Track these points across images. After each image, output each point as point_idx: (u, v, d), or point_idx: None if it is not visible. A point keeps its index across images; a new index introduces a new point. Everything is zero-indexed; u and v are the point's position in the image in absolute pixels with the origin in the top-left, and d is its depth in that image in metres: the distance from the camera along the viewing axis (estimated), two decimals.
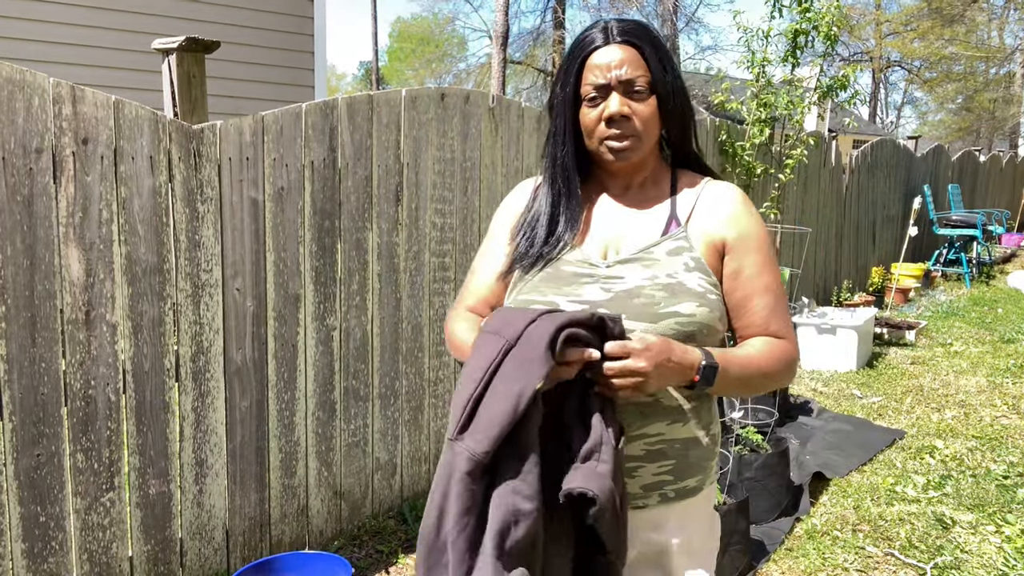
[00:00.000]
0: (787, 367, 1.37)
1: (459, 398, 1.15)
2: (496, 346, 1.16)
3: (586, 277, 1.35)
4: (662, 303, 1.29)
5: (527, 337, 1.15)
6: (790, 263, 6.47)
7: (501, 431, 1.09)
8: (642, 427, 1.32)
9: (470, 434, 1.11)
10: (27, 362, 2.20)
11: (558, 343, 1.13)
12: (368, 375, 3.07)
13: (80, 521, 2.35)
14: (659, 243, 1.37)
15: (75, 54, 5.86)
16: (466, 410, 1.13)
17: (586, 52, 1.35)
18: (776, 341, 1.36)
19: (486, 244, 1.52)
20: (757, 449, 3.44)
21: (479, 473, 1.10)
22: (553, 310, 1.21)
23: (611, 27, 1.36)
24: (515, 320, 1.18)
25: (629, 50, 1.33)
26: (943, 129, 34.85)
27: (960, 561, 3.04)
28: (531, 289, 1.37)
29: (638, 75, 1.33)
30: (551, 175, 1.43)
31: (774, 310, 1.37)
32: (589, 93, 1.34)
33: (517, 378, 1.12)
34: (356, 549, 3.04)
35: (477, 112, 3.32)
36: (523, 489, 1.11)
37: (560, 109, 1.39)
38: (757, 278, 1.36)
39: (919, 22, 28.62)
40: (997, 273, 10.52)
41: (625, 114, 1.33)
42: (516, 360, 1.14)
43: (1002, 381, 5.52)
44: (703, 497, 1.42)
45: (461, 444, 1.11)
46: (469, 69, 33.05)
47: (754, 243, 1.38)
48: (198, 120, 2.65)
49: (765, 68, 4.92)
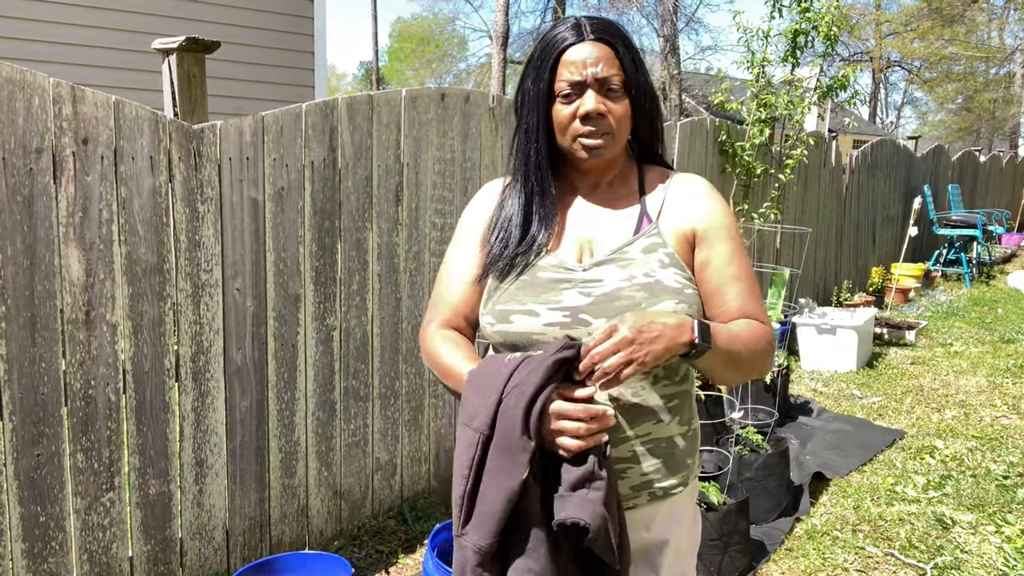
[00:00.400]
0: (768, 345, 1.35)
1: (455, 494, 1.19)
2: (471, 440, 1.18)
3: (564, 283, 1.33)
4: (643, 304, 1.29)
5: (501, 420, 1.15)
6: (790, 263, 6.47)
7: (499, 523, 1.13)
8: (629, 429, 1.32)
9: (472, 529, 1.16)
10: (27, 362, 2.20)
11: (532, 421, 1.14)
12: (368, 375, 3.07)
13: (80, 521, 2.35)
14: (633, 242, 1.36)
15: (75, 54, 5.86)
16: (463, 508, 1.17)
17: (561, 47, 1.33)
18: (753, 321, 1.35)
19: (454, 252, 1.48)
20: (757, 449, 3.44)
21: (488, 562, 1.15)
22: (521, 361, 1.19)
23: (584, 24, 1.35)
24: (483, 404, 1.18)
25: (604, 48, 1.33)
26: (943, 129, 34.85)
27: (960, 561, 3.04)
28: (509, 298, 1.34)
29: (612, 73, 1.32)
30: (524, 173, 1.40)
31: (747, 296, 1.36)
32: (564, 89, 1.33)
33: (502, 471, 1.14)
34: (356, 549, 3.04)
35: (477, 112, 3.32)
36: (534, 567, 1.14)
37: (532, 105, 1.36)
38: (728, 267, 1.36)
39: (919, 22, 28.61)
40: (997, 273, 10.52)
41: (601, 112, 1.32)
42: (497, 451, 1.15)
43: (1002, 381, 5.51)
44: (688, 492, 1.44)
45: (467, 539, 1.16)
46: (469, 69, 33.06)
47: (723, 232, 1.38)
48: (198, 120, 2.65)
49: (765, 68, 4.92)
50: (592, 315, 1.29)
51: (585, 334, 1.29)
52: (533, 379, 1.16)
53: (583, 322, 1.30)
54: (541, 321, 1.31)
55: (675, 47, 18.95)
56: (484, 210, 1.47)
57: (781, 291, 4.84)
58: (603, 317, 1.28)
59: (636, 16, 28.92)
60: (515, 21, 26.98)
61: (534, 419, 1.14)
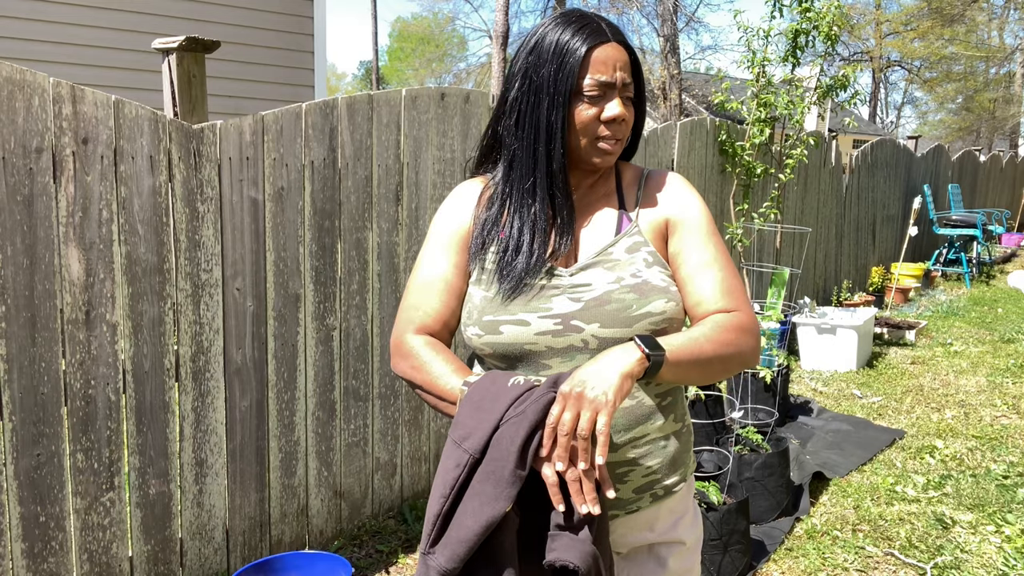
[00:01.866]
0: (745, 334, 1.28)
1: (430, 511, 1.15)
2: (460, 460, 1.13)
3: (552, 289, 1.30)
4: (634, 306, 1.27)
5: (495, 447, 1.11)
6: (790, 263, 6.47)
7: (469, 549, 1.09)
8: (627, 432, 1.32)
9: (440, 550, 1.12)
10: (27, 362, 2.20)
11: (529, 454, 1.10)
12: (368, 375, 3.07)
13: (80, 521, 2.35)
14: (616, 242, 1.34)
15: (75, 54, 5.86)
16: (435, 527, 1.13)
17: (592, 43, 1.26)
18: (727, 314, 1.30)
19: (429, 258, 1.41)
20: (757, 449, 3.44)
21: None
22: (527, 389, 1.15)
23: (603, 23, 1.31)
24: (478, 426, 1.13)
25: (624, 52, 1.30)
26: (943, 129, 34.86)
27: (960, 561, 3.04)
28: (496, 308, 1.30)
29: (632, 81, 1.32)
30: (547, 177, 1.31)
31: (722, 284, 1.32)
32: (591, 89, 1.27)
33: (485, 499, 1.10)
34: (356, 549, 3.04)
35: (477, 112, 3.32)
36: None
37: (551, 101, 1.27)
38: (700, 253, 1.33)
39: (919, 22, 28.62)
40: (997, 273, 10.52)
41: (627, 118, 1.31)
42: (483, 476, 1.11)
43: (1002, 381, 5.52)
44: (687, 488, 1.44)
45: (432, 560, 1.12)
46: (469, 69, 33.08)
47: (694, 221, 1.35)
48: (198, 120, 2.65)
49: (765, 68, 4.92)
50: (584, 320, 1.27)
51: (579, 341, 1.26)
52: (533, 411, 1.11)
53: (575, 328, 1.27)
54: (532, 330, 1.28)
55: (675, 47, 18.94)
56: (462, 214, 1.41)
57: (781, 291, 4.84)
58: (595, 322, 1.26)
59: (636, 16, 28.94)
60: (515, 21, 26.99)
61: (531, 453, 1.10)
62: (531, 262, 1.30)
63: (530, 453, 1.10)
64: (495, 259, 1.34)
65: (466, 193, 1.43)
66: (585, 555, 1.10)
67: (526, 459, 1.10)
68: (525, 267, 1.30)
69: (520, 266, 1.30)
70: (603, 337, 1.27)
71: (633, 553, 1.42)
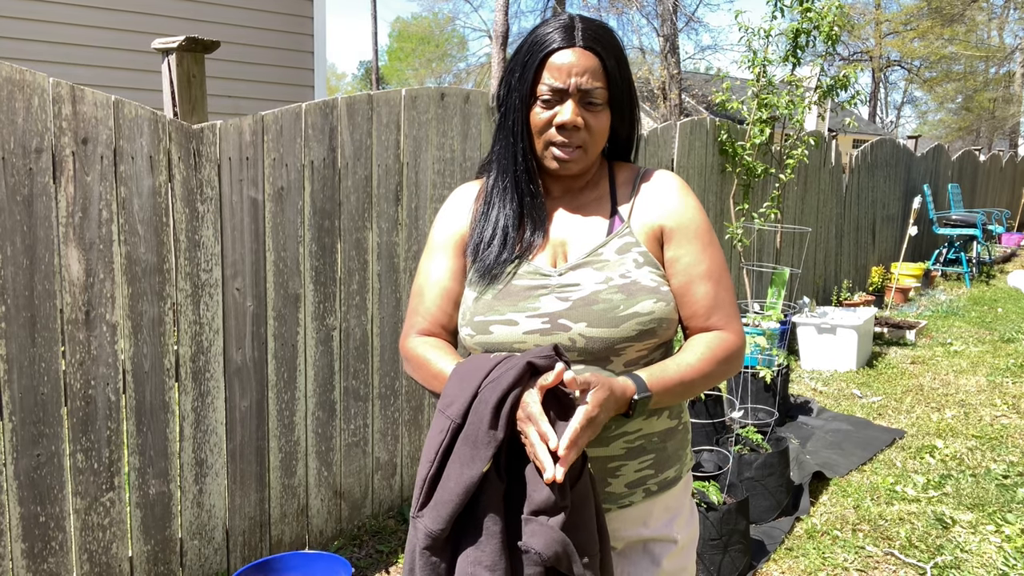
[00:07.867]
0: (731, 355, 1.33)
1: (419, 476, 1.21)
2: (443, 426, 1.19)
3: (540, 289, 1.31)
4: (621, 306, 1.27)
5: (474, 412, 1.17)
6: (790, 263, 6.47)
7: (454, 510, 1.15)
8: (621, 426, 1.32)
9: (427, 512, 1.18)
10: (27, 362, 2.20)
11: (501, 417, 1.15)
12: (368, 375, 3.07)
13: (80, 521, 2.35)
14: (607, 243, 1.34)
15: (75, 54, 5.86)
16: (423, 490, 1.19)
17: (548, 50, 1.29)
18: (716, 337, 1.32)
19: (429, 261, 1.44)
20: (757, 449, 3.44)
21: (439, 547, 1.17)
22: (504, 358, 1.20)
23: (576, 27, 1.30)
24: (460, 394, 1.19)
25: (592, 58, 1.29)
26: (943, 129, 34.85)
27: (960, 561, 3.04)
28: (486, 308, 1.32)
29: (597, 87, 1.29)
30: (514, 177, 1.36)
31: (715, 298, 1.33)
32: (544, 94, 1.30)
33: (466, 461, 1.15)
34: (356, 549, 3.04)
35: (477, 112, 3.32)
36: (483, 559, 1.15)
37: (516, 105, 1.32)
38: (696, 265, 1.34)
39: (919, 22, 28.62)
40: (997, 273, 10.52)
41: (577, 124, 1.29)
42: (463, 439, 1.17)
43: (1002, 381, 5.52)
44: (683, 485, 1.44)
45: (420, 522, 1.18)
46: (469, 69, 33.07)
47: (692, 230, 1.36)
48: (198, 120, 2.65)
49: (766, 68, 4.92)
50: (571, 320, 1.28)
51: (566, 339, 1.28)
52: (509, 376, 1.16)
53: (563, 327, 1.28)
54: (520, 329, 1.29)
55: (675, 47, 18.94)
56: (458, 217, 1.44)
57: (781, 291, 4.84)
58: (582, 322, 1.27)
59: (636, 16, 28.92)
60: (515, 21, 26.94)
61: (504, 414, 1.15)
62: (501, 254, 1.35)
63: (503, 415, 1.15)
64: (472, 254, 1.40)
65: (463, 196, 1.47)
66: (551, 541, 1.13)
67: (498, 420, 1.15)
68: (496, 259, 1.35)
69: (491, 257, 1.35)
70: (590, 337, 1.28)
71: (628, 550, 1.42)
